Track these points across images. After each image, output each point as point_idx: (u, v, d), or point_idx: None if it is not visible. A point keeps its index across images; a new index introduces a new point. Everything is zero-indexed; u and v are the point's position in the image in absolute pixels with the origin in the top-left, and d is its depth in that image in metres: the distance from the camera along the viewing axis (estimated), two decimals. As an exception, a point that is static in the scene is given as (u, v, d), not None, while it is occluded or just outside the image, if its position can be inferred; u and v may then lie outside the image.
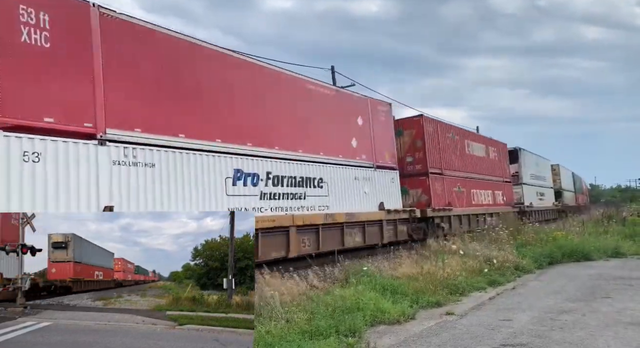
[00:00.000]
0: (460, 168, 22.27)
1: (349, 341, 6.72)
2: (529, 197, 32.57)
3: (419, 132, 19.40)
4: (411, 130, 19.45)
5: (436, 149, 20.04)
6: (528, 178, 33.45)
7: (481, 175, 24.61)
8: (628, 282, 11.23)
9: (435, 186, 19.41)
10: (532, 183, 34.39)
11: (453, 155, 21.69)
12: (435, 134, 20.35)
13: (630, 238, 19.02)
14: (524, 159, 33.28)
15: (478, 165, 24.52)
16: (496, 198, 26.17)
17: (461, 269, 11.77)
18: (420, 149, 19.12)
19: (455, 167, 21.59)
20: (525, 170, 32.98)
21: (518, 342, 6.70)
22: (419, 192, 18.94)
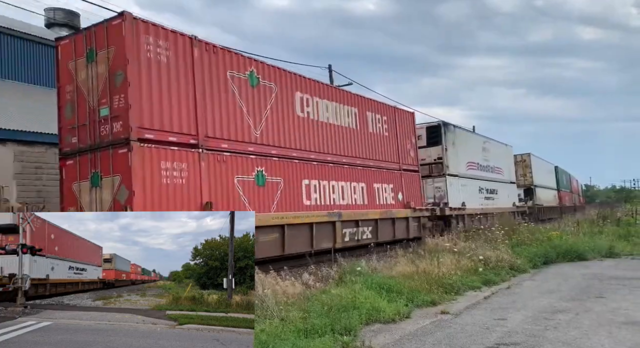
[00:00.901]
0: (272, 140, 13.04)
1: (344, 339, 6.77)
2: (461, 194, 23.48)
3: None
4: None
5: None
6: (462, 168, 24.29)
7: (336, 157, 15.72)
8: (622, 281, 11.33)
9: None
10: (469, 175, 25.19)
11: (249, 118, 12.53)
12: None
13: (625, 239, 19.17)
14: (455, 139, 23.83)
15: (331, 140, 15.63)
16: (377, 195, 17.56)
17: (456, 268, 11.86)
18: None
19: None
20: (454, 156, 23.57)
21: (512, 341, 6.79)
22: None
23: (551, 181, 45.85)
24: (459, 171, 23.91)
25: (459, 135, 24.88)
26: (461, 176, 23.99)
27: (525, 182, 37.31)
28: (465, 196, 23.83)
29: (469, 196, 24.32)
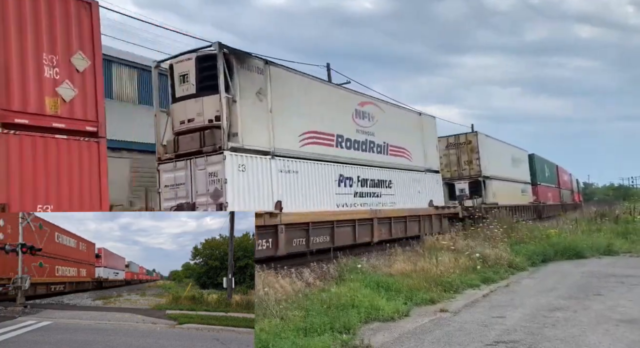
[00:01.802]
0: None
1: (343, 338, 6.81)
2: (284, 188, 13.28)
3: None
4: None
5: None
6: (285, 140, 13.65)
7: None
8: (620, 279, 11.38)
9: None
10: (307, 154, 14.43)
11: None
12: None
13: (623, 236, 19.20)
14: (270, 85, 13.29)
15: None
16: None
17: (454, 266, 11.90)
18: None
19: None
20: (257, 115, 12.94)
21: (511, 338, 6.82)
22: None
23: (519, 172, 34.72)
24: (277, 145, 13.30)
25: (279, 77, 13.68)
26: (280, 155, 13.33)
27: (471, 173, 27.28)
28: (294, 191, 13.62)
29: (307, 191, 14.16)
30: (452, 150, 28.28)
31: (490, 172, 28.28)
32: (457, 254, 13.15)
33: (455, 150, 28.10)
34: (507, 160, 32.76)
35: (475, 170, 27.63)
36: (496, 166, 29.31)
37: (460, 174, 27.86)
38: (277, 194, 13.02)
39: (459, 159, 27.99)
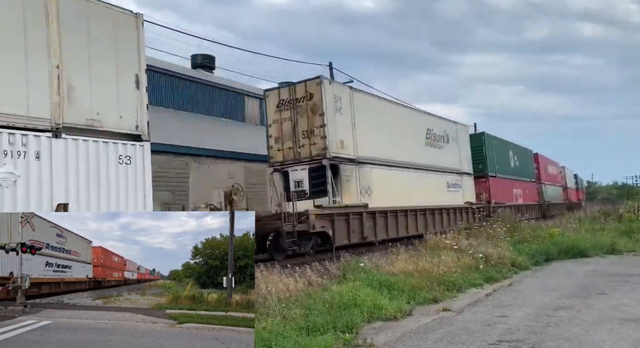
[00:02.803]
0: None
1: (345, 337, 6.78)
2: None
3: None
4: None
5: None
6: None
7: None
8: (623, 278, 11.32)
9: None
10: None
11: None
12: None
13: (627, 235, 19.12)
14: None
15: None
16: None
17: (457, 265, 11.85)
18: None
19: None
20: None
21: (514, 338, 6.77)
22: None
23: (443, 156, 22.69)
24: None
25: None
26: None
27: (313, 151, 15.65)
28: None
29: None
30: (285, 113, 16.13)
31: (360, 150, 16.57)
32: (459, 253, 13.10)
33: (290, 113, 15.99)
34: (407, 134, 19.97)
35: (318, 147, 15.38)
36: (374, 141, 17.61)
37: (296, 154, 15.90)
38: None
39: (296, 126, 15.84)
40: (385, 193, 17.50)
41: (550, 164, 44.56)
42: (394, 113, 19.76)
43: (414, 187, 19.65)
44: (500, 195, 28.69)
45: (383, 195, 17.38)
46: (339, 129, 16.03)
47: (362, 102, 17.66)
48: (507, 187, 30.43)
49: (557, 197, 45.84)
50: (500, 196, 28.57)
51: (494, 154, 29.19)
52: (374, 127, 17.87)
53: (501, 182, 29.48)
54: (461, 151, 24.90)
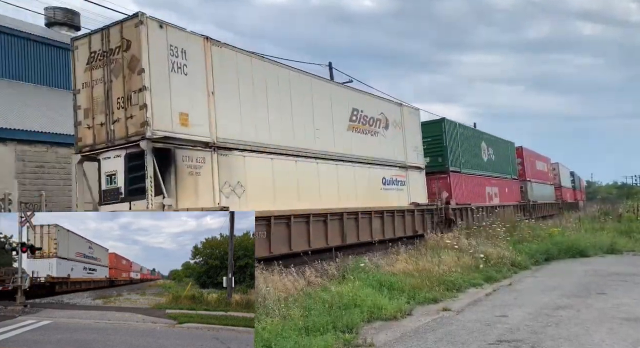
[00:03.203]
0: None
1: (345, 337, 6.79)
2: None
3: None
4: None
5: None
6: None
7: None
8: (623, 277, 11.33)
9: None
10: None
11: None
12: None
13: (626, 235, 19.15)
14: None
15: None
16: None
17: (457, 265, 11.86)
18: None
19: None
20: None
21: (514, 337, 6.77)
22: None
23: (375, 144, 17.73)
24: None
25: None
26: None
27: (130, 128, 10.27)
28: None
29: None
30: (97, 72, 11.00)
31: (223, 130, 11.66)
32: (459, 253, 13.11)
33: (103, 71, 10.85)
34: (315, 113, 14.90)
35: (136, 122, 10.26)
36: (252, 118, 12.54)
37: (109, 134, 10.81)
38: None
39: (109, 92, 10.74)
40: (269, 193, 12.48)
41: (538, 160, 39.46)
42: (294, 83, 14.04)
43: (325, 184, 14.50)
44: (465, 194, 23.22)
45: (266, 196, 12.33)
46: (178, 96, 10.58)
47: (229, 61, 12.03)
48: (476, 185, 24.95)
49: (547, 196, 40.70)
50: (465, 196, 23.11)
51: (457, 145, 23.70)
52: (250, 99, 12.36)
53: (468, 178, 24.02)
54: (408, 140, 19.44)
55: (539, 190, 37.38)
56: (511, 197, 30.16)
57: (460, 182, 23.14)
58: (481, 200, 25.18)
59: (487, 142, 27.97)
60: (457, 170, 23.14)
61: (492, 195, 27.13)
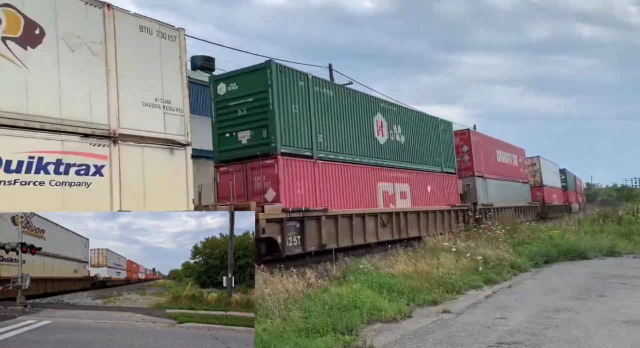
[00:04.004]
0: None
1: (345, 339, 6.77)
2: None
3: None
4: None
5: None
6: None
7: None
8: (623, 280, 11.31)
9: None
10: None
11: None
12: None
13: (626, 237, 19.10)
14: None
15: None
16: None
17: (456, 267, 11.85)
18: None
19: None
20: None
21: (514, 340, 6.77)
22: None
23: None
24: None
25: None
26: None
27: None
28: None
29: None
30: None
31: None
32: (458, 255, 13.10)
33: None
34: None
35: None
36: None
37: None
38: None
39: None
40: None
41: (501, 150, 30.74)
42: None
43: None
44: (321, 193, 14.58)
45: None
46: None
47: None
48: (354, 180, 16.29)
49: (516, 197, 32.05)
50: (320, 195, 14.49)
51: (304, 111, 14.39)
52: None
53: (332, 168, 15.27)
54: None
55: (501, 190, 29.00)
56: (440, 198, 21.99)
57: (306, 172, 14.11)
58: (365, 202, 16.61)
59: (389, 116, 19.05)
60: (297, 152, 13.99)
61: (395, 196, 18.56)
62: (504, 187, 29.93)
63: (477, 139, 26.91)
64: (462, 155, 25.33)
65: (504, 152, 31.68)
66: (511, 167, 32.83)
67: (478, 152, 26.56)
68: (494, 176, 28.26)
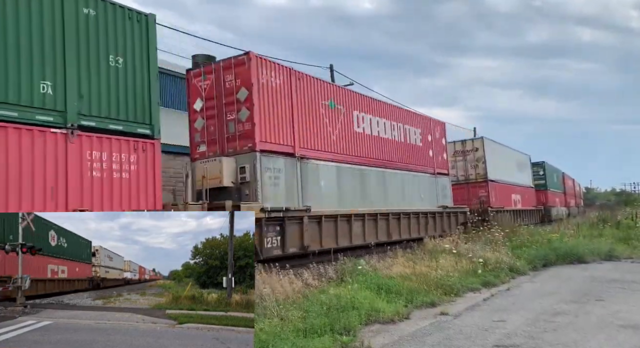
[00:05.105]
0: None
1: (343, 339, 6.80)
2: None
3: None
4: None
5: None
6: None
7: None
8: (621, 284, 11.34)
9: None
10: None
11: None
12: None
13: (624, 242, 19.12)
14: None
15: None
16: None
17: (454, 269, 11.88)
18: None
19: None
20: None
21: (511, 343, 6.79)
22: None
23: None
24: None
25: None
26: None
27: None
28: None
29: None
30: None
31: None
32: (457, 257, 13.13)
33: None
34: None
35: None
36: None
37: None
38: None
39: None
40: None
41: (375, 113, 17.56)
42: None
43: None
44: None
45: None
46: None
47: None
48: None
49: (411, 196, 18.90)
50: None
51: None
52: None
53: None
54: None
55: (367, 184, 16.36)
56: None
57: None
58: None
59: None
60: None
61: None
62: (375, 179, 16.88)
63: (272, 80, 12.93)
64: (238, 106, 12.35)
65: (384, 118, 18.07)
66: (403, 147, 19.18)
67: (267, 102, 12.65)
68: (339, 157, 15.12)
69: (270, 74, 12.97)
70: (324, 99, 15.05)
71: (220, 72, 12.96)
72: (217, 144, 12.62)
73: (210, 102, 13.04)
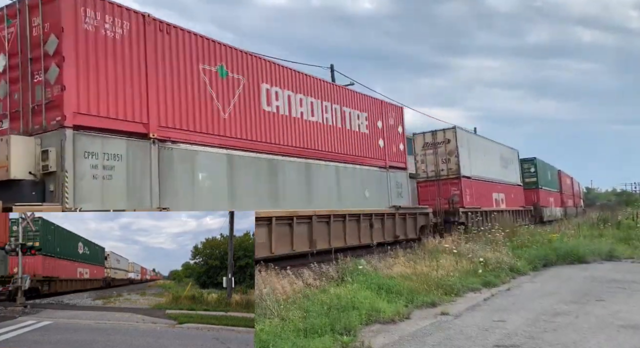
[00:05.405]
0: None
1: (343, 339, 6.79)
2: None
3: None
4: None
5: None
6: None
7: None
8: (621, 284, 11.32)
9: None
10: None
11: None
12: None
13: (625, 242, 19.09)
14: None
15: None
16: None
17: (455, 269, 11.88)
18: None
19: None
20: None
21: (512, 343, 6.79)
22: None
23: None
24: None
25: None
26: None
27: None
28: None
29: None
30: None
31: None
32: (458, 257, 13.12)
33: None
34: None
35: None
36: None
37: None
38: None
39: None
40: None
41: (295, 89, 14.07)
42: None
43: None
44: None
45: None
46: None
47: None
48: None
49: (354, 195, 16.01)
50: None
51: None
52: None
53: None
54: None
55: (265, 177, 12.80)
56: None
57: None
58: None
59: None
60: None
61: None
62: (295, 173, 13.75)
63: (108, 27, 9.71)
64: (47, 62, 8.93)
65: (311, 96, 14.86)
66: (340, 134, 15.92)
67: (95, 58, 9.28)
68: (233, 142, 11.89)
69: (104, 17, 9.27)
70: (209, 64, 11.46)
71: (26, 15, 9.06)
72: (22, 118, 8.94)
73: (15, 59, 9.17)
